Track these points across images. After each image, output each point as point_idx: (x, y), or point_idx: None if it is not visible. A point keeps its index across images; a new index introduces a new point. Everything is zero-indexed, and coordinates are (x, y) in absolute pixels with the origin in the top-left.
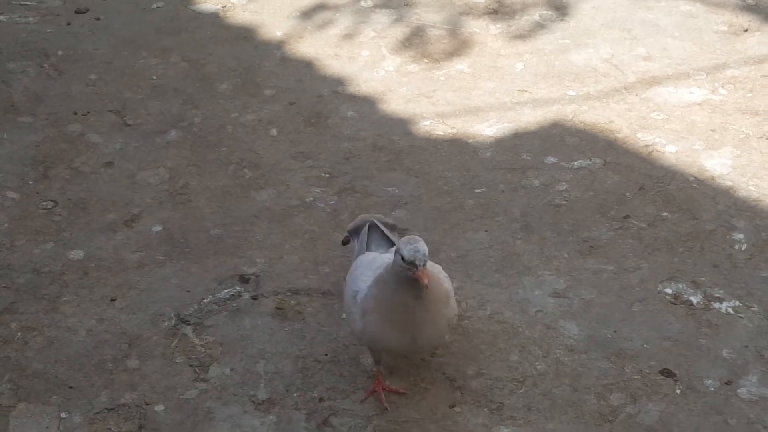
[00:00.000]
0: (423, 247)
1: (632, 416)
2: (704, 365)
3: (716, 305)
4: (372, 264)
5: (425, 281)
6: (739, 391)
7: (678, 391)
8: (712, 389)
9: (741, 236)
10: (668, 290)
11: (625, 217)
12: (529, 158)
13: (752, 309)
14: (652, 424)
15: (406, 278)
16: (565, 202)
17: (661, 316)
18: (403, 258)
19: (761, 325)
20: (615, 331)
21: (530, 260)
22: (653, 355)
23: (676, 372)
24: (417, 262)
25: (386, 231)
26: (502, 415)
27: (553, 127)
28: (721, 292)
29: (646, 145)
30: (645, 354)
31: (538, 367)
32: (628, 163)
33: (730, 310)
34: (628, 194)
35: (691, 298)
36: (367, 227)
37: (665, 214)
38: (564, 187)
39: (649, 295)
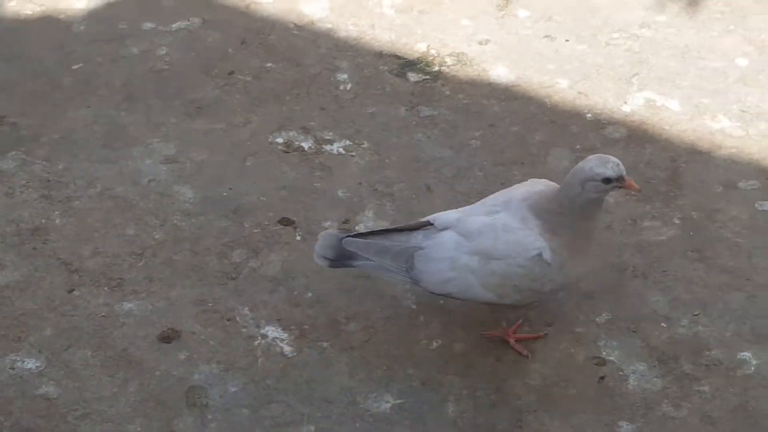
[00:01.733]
0: (615, 158)
1: (255, 270)
2: (321, 208)
3: (328, 147)
4: (478, 235)
5: (636, 185)
6: (356, 227)
7: (298, 238)
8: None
9: (345, 76)
10: (279, 140)
11: (229, 73)
12: (125, 27)
13: (362, 146)
14: (276, 274)
15: (597, 201)
16: (167, 67)
17: (275, 167)
18: (609, 179)
19: (372, 160)
20: (231, 189)
21: (137, 130)
22: (271, 207)
23: (295, 219)
24: (624, 174)
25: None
26: (124, 291)
27: None
28: (331, 134)
29: None
30: (263, 206)
31: (156, 236)
32: (228, 19)
33: (341, 150)
34: (230, 50)
35: (303, 144)
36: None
37: (269, 64)
38: (165, 51)
39: (262, 148)
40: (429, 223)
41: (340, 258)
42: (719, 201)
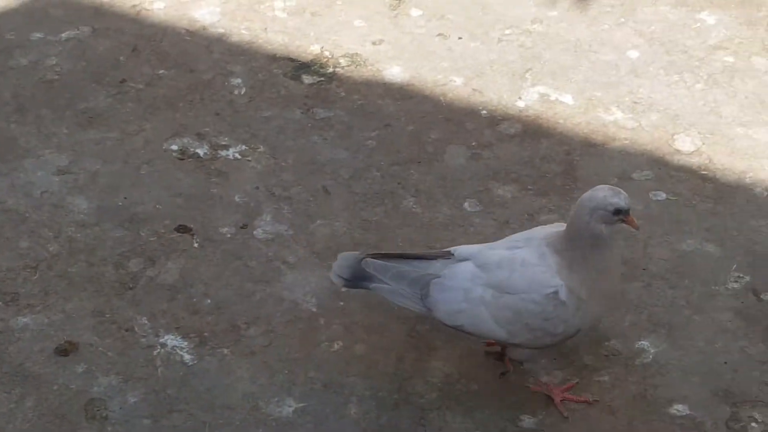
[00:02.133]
0: (623, 190)
1: (153, 278)
2: (218, 214)
3: (223, 153)
4: (496, 268)
5: (636, 223)
6: (255, 232)
7: (196, 245)
8: (229, 236)
9: (239, 81)
10: (174, 147)
11: (121, 82)
12: (13, 37)
13: (258, 150)
14: (174, 282)
15: (607, 236)
16: (57, 77)
17: (171, 174)
18: (619, 210)
19: (269, 164)
20: (126, 198)
21: (28, 142)
22: (167, 214)
23: (192, 226)
24: (630, 208)
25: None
26: (19, 305)
27: (36, 1)
28: (226, 139)
29: (134, 5)
30: (159, 215)
31: (51, 248)
32: (118, 27)
33: (237, 155)
34: (121, 58)
35: (198, 151)
36: (369, 266)
37: (162, 71)
38: (54, 62)
39: (156, 156)
40: (450, 253)
41: (356, 279)
42: None
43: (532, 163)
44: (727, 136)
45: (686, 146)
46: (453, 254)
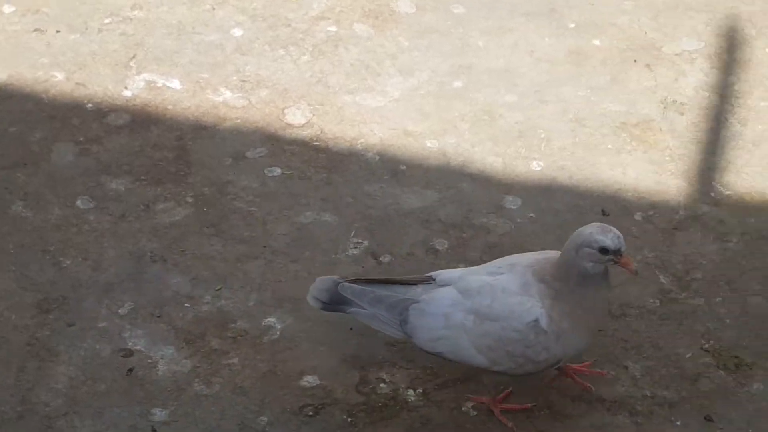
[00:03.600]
0: (618, 231)
1: None
2: None
3: None
4: (476, 294)
5: (634, 266)
6: None
7: None
8: None
9: None
10: None
11: None
12: None
13: None
14: None
15: (593, 275)
16: None
17: None
18: (606, 249)
19: None
20: None
21: None
22: None
23: None
24: (623, 249)
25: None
26: None
27: None
28: None
29: None
30: None
31: None
32: None
33: None
34: None
35: None
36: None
37: None
38: None
39: None
40: (431, 279)
41: (334, 302)
42: (229, 173)
43: (144, 153)
44: (335, 105)
45: (297, 119)
46: (434, 279)
